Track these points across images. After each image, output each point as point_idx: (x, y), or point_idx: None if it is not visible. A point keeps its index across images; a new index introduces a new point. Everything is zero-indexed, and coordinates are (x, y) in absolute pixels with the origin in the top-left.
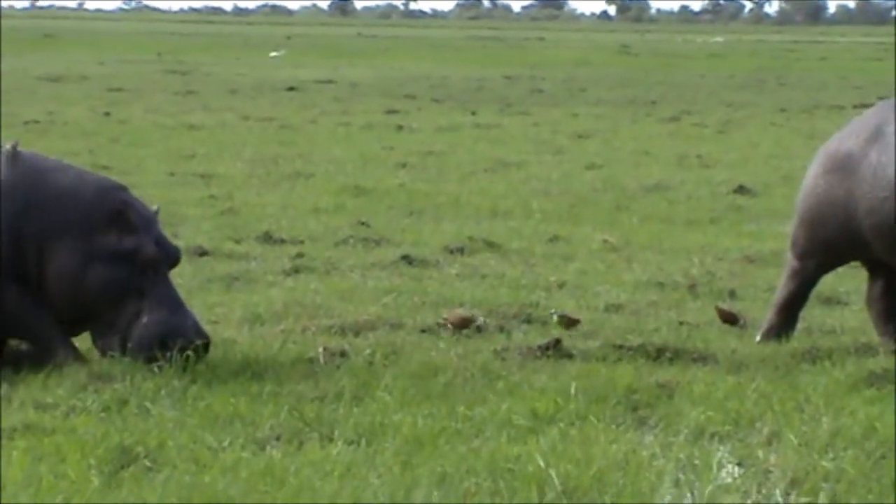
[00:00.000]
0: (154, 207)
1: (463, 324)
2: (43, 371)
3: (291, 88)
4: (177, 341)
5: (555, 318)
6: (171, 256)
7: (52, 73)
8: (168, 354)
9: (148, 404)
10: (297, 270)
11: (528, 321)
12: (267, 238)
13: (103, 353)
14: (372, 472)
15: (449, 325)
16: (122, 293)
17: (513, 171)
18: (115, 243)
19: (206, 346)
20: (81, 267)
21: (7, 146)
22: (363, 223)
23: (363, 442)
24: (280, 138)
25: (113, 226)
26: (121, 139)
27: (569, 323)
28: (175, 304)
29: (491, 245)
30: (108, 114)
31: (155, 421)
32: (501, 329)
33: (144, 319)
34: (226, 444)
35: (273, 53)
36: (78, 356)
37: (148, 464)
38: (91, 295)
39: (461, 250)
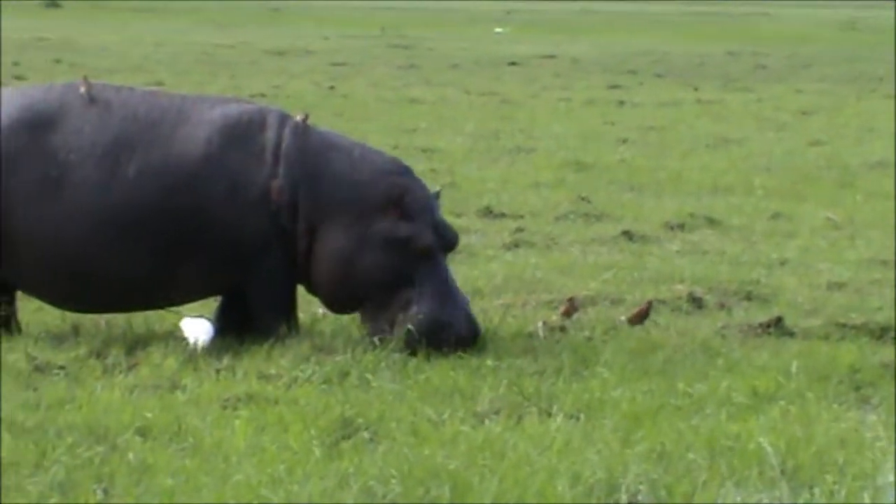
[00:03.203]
0: (436, 188)
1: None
2: (266, 342)
3: (513, 63)
4: (448, 336)
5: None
6: (447, 242)
7: (277, 47)
8: (440, 346)
9: (369, 376)
10: (517, 245)
11: (749, 298)
12: (487, 212)
13: (372, 337)
14: (590, 447)
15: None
16: (394, 280)
17: (734, 148)
18: (389, 229)
19: (476, 338)
20: (355, 250)
21: (298, 117)
22: (584, 198)
23: (582, 417)
24: (501, 113)
25: (389, 211)
26: (344, 113)
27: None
28: (448, 295)
29: (712, 221)
30: (332, 87)
31: (375, 393)
32: (722, 306)
33: (415, 310)
34: (445, 416)
35: (498, 29)
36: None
37: (368, 435)
38: (361, 279)
39: (682, 226)
